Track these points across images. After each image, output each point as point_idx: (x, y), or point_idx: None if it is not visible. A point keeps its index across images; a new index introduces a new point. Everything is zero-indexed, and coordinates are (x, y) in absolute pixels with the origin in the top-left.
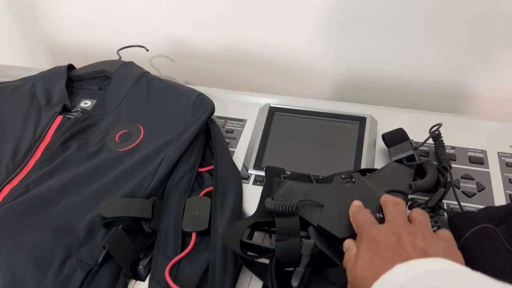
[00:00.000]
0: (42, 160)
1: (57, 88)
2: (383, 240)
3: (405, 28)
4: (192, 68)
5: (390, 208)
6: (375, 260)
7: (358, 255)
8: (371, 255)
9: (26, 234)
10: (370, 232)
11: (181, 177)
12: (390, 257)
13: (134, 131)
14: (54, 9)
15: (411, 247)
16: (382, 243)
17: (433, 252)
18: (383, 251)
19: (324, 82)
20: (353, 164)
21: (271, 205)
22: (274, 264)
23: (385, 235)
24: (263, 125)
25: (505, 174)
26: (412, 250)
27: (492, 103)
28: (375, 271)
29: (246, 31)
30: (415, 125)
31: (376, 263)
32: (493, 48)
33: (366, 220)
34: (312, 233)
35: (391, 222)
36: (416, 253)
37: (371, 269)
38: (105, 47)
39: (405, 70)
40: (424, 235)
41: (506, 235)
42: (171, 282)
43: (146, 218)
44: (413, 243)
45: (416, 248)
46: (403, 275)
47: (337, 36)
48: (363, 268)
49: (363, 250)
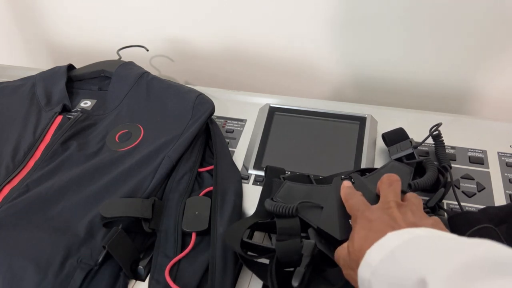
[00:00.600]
0: (42, 160)
1: (57, 88)
2: (376, 218)
3: (405, 28)
4: (192, 68)
5: (384, 187)
6: (370, 234)
7: (354, 233)
8: (366, 231)
9: (26, 234)
10: (364, 214)
11: (181, 177)
12: (383, 229)
13: (134, 131)
14: (54, 9)
15: (403, 221)
16: (375, 220)
17: (423, 224)
18: (377, 226)
19: (324, 82)
20: (353, 164)
21: (271, 206)
22: (275, 264)
23: (378, 213)
24: (263, 125)
25: (505, 174)
26: (404, 223)
27: (492, 103)
28: (370, 242)
29: (246, 31)
30: (415, 125)
31: (371, 236)
32: (494, 48)
33: (359, 202)
34: (312, 235)
35: (383, 202)
36: (407, 225)
37: (366, 242)
38: (105, 47)
39: (405, 70)
40: (414, 212)
41: (506, 235)
42: (171, 282)
43: (146, 218)
44: (405, 219)
45: (407, 221)
46: (394, 241)
47: (337, 36)
48: (359, 242)
49: (358, 228)
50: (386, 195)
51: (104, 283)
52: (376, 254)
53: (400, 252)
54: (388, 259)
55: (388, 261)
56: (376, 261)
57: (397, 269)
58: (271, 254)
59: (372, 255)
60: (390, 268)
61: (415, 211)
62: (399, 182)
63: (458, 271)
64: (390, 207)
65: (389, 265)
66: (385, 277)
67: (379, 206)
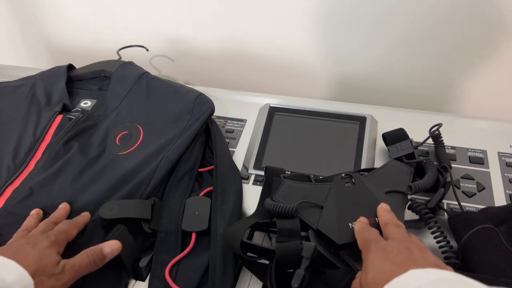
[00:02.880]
0: (45, 161)
1: (57, 88)
2: (393, 249)
3: (406, 28)
4: (192, 68)
5: (394, 229)
6: (386, 266)
7: (368, 264)
8: (381, 261)
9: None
10: (379, 244)
11: (181, 177)
12: (402, 263)
13: (134, 132)
14: (54, 9)
15: (423, 259)
16: (392, 251)
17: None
18: (395, 258)
19: (324, 82)
20: (353, 164)
21: (270, 206)
22: (274, 265)
23: (395, 245)
24: (263, 125)
25: (505, 174)
26: (424, 261)
27: (492, 103)
28: (387, 275)
29: (246, 31)
30: (415, 125)
31: (388, 268)
32: (494, 48)
33: (373, 235)
34: (312, 236)
35: (397, 239)
36: (429, 264)
37: (382, 274)
38: (105, 47)
39: (405, 70)
40: (433, 255)
41: (506, 235)
42: (171, 282)
43: (146, 218)
44: (425, 257)
45: (428, 260)
46: (418, 279)
47: (337, 36)
48: (374, 274)
49: (372, 259)
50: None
51: (104, 283)
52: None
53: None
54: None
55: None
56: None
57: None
58: (271, 255)
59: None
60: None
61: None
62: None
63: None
64: (406, 242)
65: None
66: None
67: (394, 240)
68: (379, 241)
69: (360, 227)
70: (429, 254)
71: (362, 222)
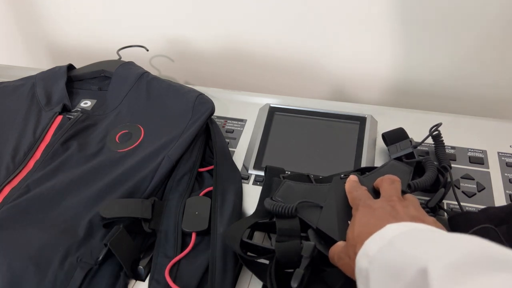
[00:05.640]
0: (43, 160)
1: (57, 88)
2: (378, 207)
3: (406, 28)
4: (192, 68)
5: (386, 185)
6: (370, 221)
7: (354, 220)
8: (367, 218)
9: (26, 234)
10: (366, 202)
11: (181, 177)
12: (384, 217)
13: (134, 131)
14: (54, 9)
15: (405, 214)
16: (377, 209)
17: (425, 220)
18: (378, 213)
19: (324, 82)
20: (353, 164)
21: (270, 206)
22: (274, 265)
23: (381, 203)
24: (263, 125)
25: (505, 174)
26: (405, 216)
27: (492, 103)
28: (370, 229)
29: (246, 31)
30: (415, 125)
31: (372, 223)
32: (494, 48)
33: (363, 194)
34: (311, 235)
35: (385, 196)
36: (408, 218)
37: (366, 228)
38: (105, 47)
39: (405, 70)
40: (416, 208)
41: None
42: (171, 282)
43: (146, 218)
44: (407, 212)
45: (409, 215)
46: (393, 231)
47: (337, 36)
48: (359, 228)
49: (359, 216)
50: (388, 191)
51: (104, 283)
52: (374, 244)
53: (399, 242)
54: (387, 248)
55: (386, 250)
56: (374, 250)
57: (396, 258)
58: (270, 254)
59: (370, 245)
60: (388, 257)
61: (416, 206)
62: (400, 182)
63: (462, 260)
64: (392, 200)
65: (388, 254)
66: (383, 266)
67: (381, 199)
68: (367, 199)
69: (350, 186)
70: (411, 209)
71: (353, 180)
